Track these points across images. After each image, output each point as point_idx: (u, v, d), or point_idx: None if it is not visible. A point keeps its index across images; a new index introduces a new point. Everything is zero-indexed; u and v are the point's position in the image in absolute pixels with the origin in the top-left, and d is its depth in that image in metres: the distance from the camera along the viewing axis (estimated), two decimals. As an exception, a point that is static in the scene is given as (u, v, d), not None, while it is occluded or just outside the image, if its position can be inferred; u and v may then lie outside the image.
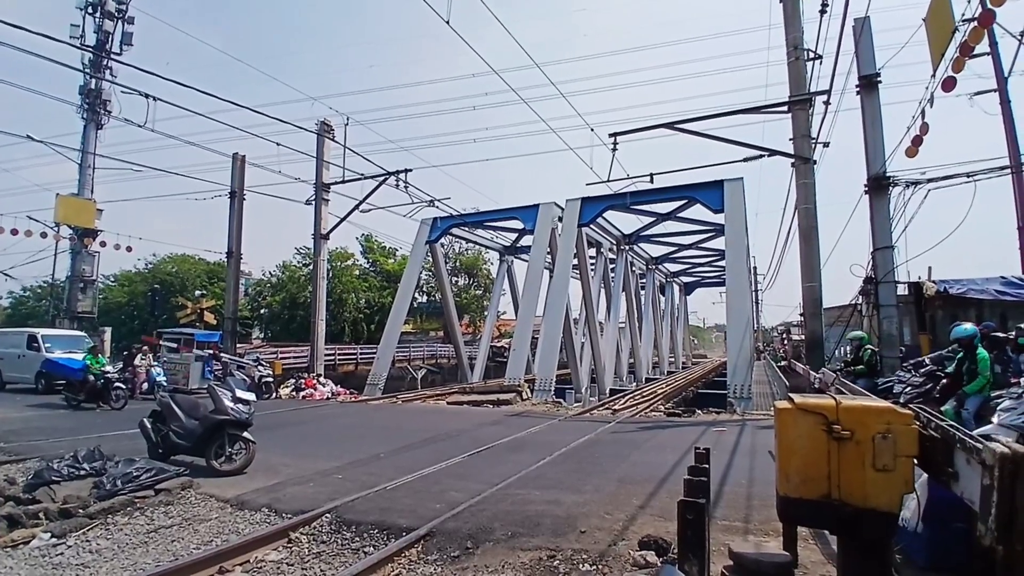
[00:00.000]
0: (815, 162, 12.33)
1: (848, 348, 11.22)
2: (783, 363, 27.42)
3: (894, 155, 10.61)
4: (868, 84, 11.11)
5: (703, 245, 26.37)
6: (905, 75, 12.99)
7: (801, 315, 14.92)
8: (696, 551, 2.88)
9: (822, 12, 11.36)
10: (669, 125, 13.23)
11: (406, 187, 17.32)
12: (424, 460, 7.16)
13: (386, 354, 19.96)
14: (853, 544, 2.92)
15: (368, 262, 40.42)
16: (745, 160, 13.34)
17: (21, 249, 42.55)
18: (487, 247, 27.54)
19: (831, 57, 10.74)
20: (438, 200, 18.30)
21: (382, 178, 17.23)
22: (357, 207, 18.01)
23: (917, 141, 9.27)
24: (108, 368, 13.27)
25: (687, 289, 43.28)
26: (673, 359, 38.54)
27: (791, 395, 3.43)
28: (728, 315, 15.50)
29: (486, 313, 30.58)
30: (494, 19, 9.84)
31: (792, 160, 12.38)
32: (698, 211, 19.10)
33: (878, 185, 11.04)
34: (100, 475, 5.96)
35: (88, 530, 4.89)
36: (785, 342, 37.67)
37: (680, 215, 20.62)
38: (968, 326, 6.90)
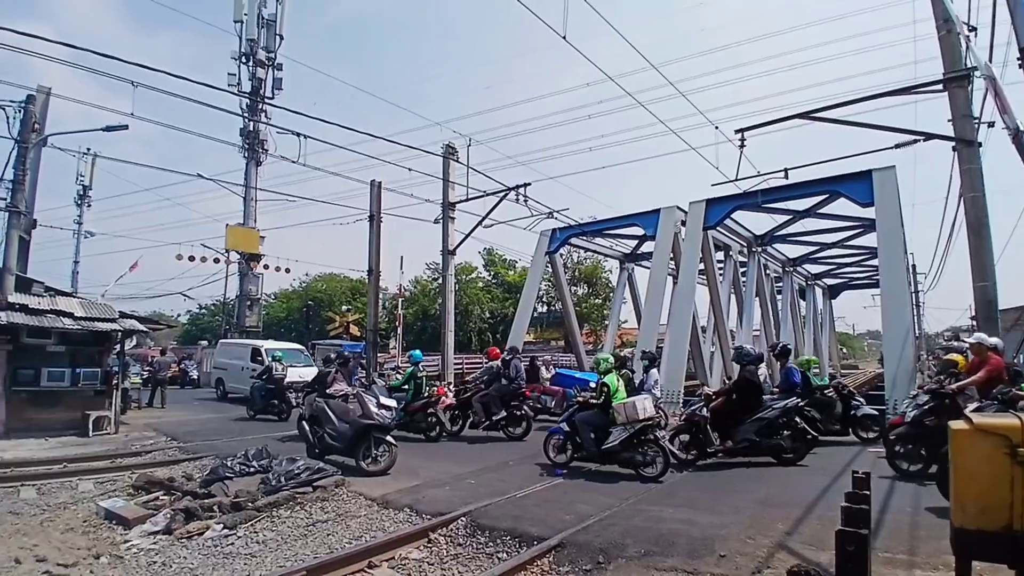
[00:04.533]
0: (980, 144, 10.60)
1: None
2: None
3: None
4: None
5: (850, 243, 23.68)
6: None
7: (972, 319, 12.83)
8: (857, 586, 2.60)
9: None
10: (803, 115, 12.12)
11: (525, 201, 17.70)
12: (551, 469, 7.22)
13: (510, 363, 20.43)
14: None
15: (490, 274, 41.87)
16: (896, 147, 11.82)
17: (196, 273, 49.53)
18: (606, 255, 27.20)
19: (986, 28, 9.13)
20: (557, 211, 18.49)
21: (503, 194, 17.75)
22: (480, 223, 18.70)
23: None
24: None
25: (832, 292, 39.08)
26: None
27: (969, 414, 2.99)
28: (884, 320, 13.71)
29: (606, 322, 30.14)
30: (600, 29, 9.79)
31: (953, 144, 10.76)
32: (842, 206, 17.23)
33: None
34: (267, 472, 6.74)
35: (256, 522, 5.52)
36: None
37: (821, 211, 18.73)
38: None
